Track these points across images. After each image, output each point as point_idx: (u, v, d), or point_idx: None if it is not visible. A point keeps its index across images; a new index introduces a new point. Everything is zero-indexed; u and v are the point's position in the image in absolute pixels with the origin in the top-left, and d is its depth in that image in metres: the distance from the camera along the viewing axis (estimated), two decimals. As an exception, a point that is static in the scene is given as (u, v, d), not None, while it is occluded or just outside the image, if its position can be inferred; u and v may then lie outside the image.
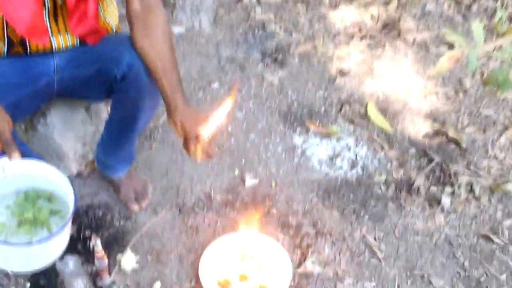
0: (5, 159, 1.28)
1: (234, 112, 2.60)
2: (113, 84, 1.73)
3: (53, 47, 1.68)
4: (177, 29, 2.96)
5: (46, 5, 1.59)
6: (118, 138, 1.98)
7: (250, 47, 2.97)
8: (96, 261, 1.49)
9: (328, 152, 2.49)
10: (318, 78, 2.87)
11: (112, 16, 1.82)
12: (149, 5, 1.63)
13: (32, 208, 1.32)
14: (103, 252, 1.47)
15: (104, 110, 2.19)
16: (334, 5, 3.25)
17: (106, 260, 1.49)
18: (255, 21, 3.08)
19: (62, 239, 1.28)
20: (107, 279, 1.58)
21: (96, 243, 1.43)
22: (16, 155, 1.27)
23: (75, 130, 2.14)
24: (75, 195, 1.26)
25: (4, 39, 1.62)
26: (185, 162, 2.34)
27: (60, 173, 1.31)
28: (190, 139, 1.55)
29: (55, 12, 1.63)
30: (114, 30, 1.84)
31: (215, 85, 2.73)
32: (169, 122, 1.59)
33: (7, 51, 1.66)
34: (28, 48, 1.66)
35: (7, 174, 1.30)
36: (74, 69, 1.74)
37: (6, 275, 1.88)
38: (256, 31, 3.04)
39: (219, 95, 2.68)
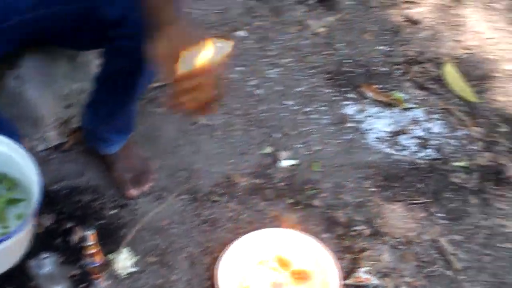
0: None
1: (264, 71, 2.60)
2: (105, 29, 1.73)
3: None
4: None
5: None
6: (110, 102, 1.98)
7: (288, -17, 2.95)
8: (86, 259, 1.50)
9: (390, 127, 2.47)
10: (378, 28, 2.84)
11: None
12: None
13: None
14: (97, 245, 1.47)
15: (94, 61, 2.19)
16: None
17: (101, 258, 1.49)
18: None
19: (22, 239, 1.27)
20: (99, 285, 1.59)
21: (88, 234, 1.43)
22: None
23: (55, 87, 2.15)
24: (40, 180, 1.25)
25: None
26: (200, 134, 2.34)
27: (19, 148, 1.30)
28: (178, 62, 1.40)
29: None
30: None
31: (241, 33, 2.72)
32: (154, 43, 1.43)
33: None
34: None
35: None
36: (54, 6, 1.74)
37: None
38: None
39: (246, 46, 2.66)
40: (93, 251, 1.46)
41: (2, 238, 1.19)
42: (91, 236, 1.40)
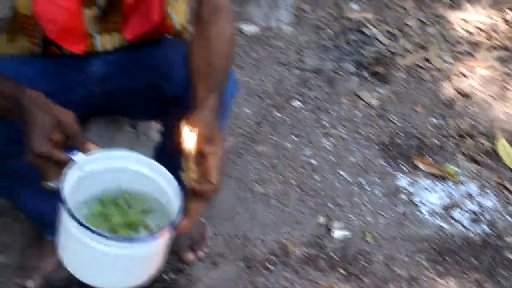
0: (80, 154, 1.29)
1: (319, 141, 2.64)
2: (163, 104, 1.79)
3: (96, 49, 1.74)
4: (249, 28, 3.03)
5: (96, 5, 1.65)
6: (169, 171, 2.02)
7: (342, 55, 3.02)
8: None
9: (443, 200, 2.49)
10: (430, 101, 2.89)
11: (178, 13, 1.87)
12: (217, 6, 1.66)
13: (118, 212, 1.35)
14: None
15: (155, 128, 2.26)
16: (455, 4, 3.25)
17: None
18: (349, 21, 3.13)
19: (162, 248, 1.29)
20: None
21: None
22: (90, 146, 1.30)
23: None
24: (178, 188, 1.30)
25: (37, 35, 1.68)
26: (256, 203, 2.38)
27: (153, 162, 1.36)
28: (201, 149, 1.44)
29: (104, 11, 1.68)
30: (177, 31, 1.88)
31: (296, 103, 2.78)
32: (185, 121, 1.46)
33: (44, 50, 1.72)
34: (64, 49, 1.71)
35: (86, 172, 1.31)
36: (119, 80, 1.80)
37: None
38: (350, 34, 3.08)
39: (301, 116, 2.72)
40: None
41: (146, 237, 1.23)
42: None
